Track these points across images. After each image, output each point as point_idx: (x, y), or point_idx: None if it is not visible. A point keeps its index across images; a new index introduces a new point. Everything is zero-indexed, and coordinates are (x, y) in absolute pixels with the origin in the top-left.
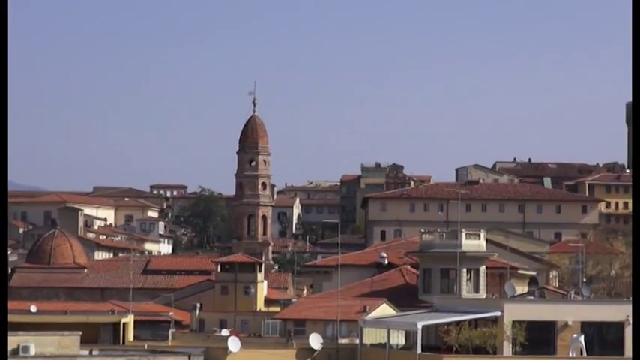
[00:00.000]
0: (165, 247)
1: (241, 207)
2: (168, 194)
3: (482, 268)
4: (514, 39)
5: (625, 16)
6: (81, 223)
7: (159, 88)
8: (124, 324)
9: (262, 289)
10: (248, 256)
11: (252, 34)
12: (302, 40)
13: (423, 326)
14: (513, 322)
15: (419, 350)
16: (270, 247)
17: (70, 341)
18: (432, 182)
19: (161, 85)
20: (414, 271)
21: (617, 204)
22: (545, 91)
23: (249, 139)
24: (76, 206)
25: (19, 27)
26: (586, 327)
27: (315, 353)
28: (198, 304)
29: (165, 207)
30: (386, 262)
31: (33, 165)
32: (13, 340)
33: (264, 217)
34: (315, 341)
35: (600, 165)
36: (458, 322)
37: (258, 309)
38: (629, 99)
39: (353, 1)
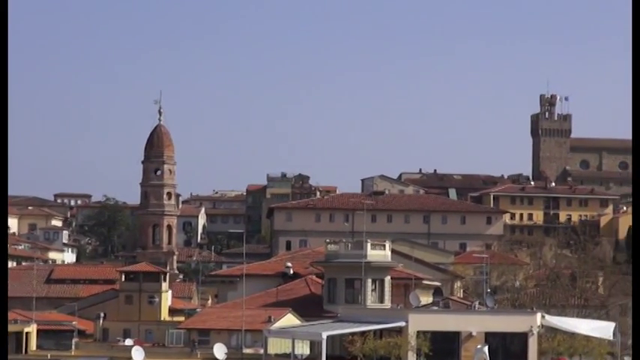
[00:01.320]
0: (69, 256)
1: (146, 216)
2: (73, 203)
3: (388, 279)
4: (416, 50)
5: (533, 26)
6: None
7: (63, 96)
8: (26, 333)
9: (167, 298)
10: (153, 266)
11: (158, 42)
12: (208, 49)
13: (328, 336)
14: (418, 332)
15: None
16: (175, 257)
17: None
18: (337, 192)
19: (65, 92)
20: (319, 281)
21: (521, 215)
22: (450, 102)
23: (155, 148)
24: None
25: None
26: (490, 337)
27: None
28: (102, 314)
29: (69, 216)
30: (291, 272)
31: None
32: None
33: (169, 227)
34: (220, 351)
35: (505, 176)
36: (363, 333)
37: (162, 319)
38: (534, 111)
39: (254, 12)
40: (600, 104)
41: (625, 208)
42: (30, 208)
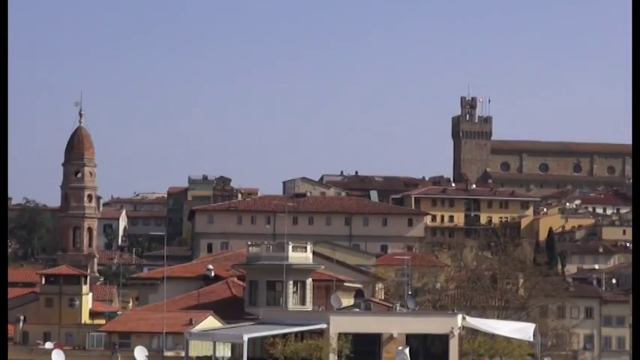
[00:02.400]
0: None
1: (67, 219)
2: None
3: (309, 281)
4: (337, 51)
5: (454, 28)
6: None
7: None
8: None
9: (87, 301)
10: (73, 269)
11: (78, 44)
12: (128, 50)
13: (249, 339)
14: (339, 334)
15: None
16: (96, 260)
17: None
18: (259, 195)
19: None
20: (241, 283)
21: (442, 217)
22: (372, 104)
23: (75, 150)
24: None
25: None
26: (411, 339)
27: None
28: (22, 317)
29: None
30: (212, 274)
31: None
32: None
33: (89, 229)
34: (141, 354)
35: (426, 178)
36: (284, 335)
37: (83, 322)
38: (455, 113)
39: (170, 15)
40: (521, 107)
41: (545, 209)
42: None
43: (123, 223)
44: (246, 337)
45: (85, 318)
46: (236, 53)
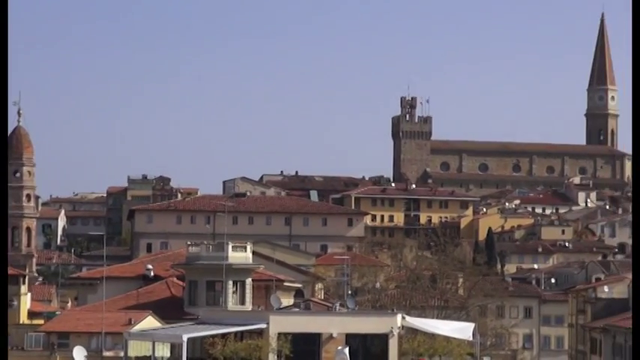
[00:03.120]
0: None
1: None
2: None
3: (249, 281)
4: (278, 50)
5: (394, 28)
6: None
7: None
8: None
9: (26, 301)
10: (11, 268)
11: (16, 43)
12: (66, 49)
13: (189, 339)
14: (279, 334)
15: None
16: (35, 259)
17: None
18: (199, 194)
19: None
20: (180, 283)
21: (382, 217)
22: (312, 104)
23: (14, 149)
24: None
25: None
26: (351, 339)
27: None
28: None
29: None
30: (152, 274)
31: None
32: None
33: (28, 229)
34: (80, 354)
35: (366, 178)
36: (223, 335)
37: (21, 322)
38: (395, 113)
39: (101, 14)
40: (460, 107)
41: (484, 209)
42: None
43: (62, 222)
44: (185, 337)
45: (24, 318)
46: (173, 52)
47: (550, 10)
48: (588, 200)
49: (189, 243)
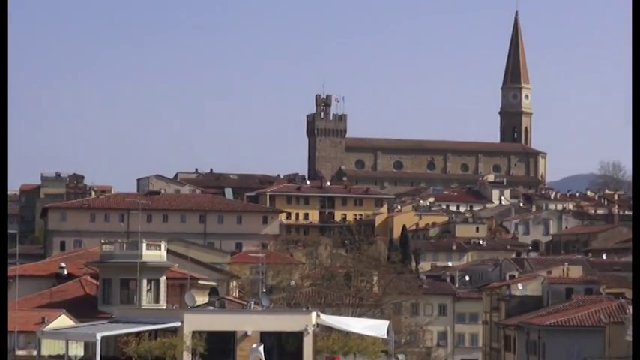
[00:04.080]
0: None
1: None
2: None
3: (163, 279)
4: (191, 48)
5: (309, 27)
6: None
7: None
8: None
9: None
10: None
11: None
12: None
13: (102, 337)
14: (193, 332)
15: None
16: None
17: None
18: (113, 192)
19: None
20: (94, 281)
21: (297, 215)
22: (226, 103)
23: None
24: None
25: None
26: (265, 337)
27: None
28: None
29: None
30: (65, 272)
31: None
32: None
33: None
34: None
35: (281, 176)
36: (137, 333)
37: None
38: (310, 111)
39: (17, 13)
40: (375, 105)
41: (399, 207)
42: None
43: None
44: (99, 336)
45: None
46: (86, 48)
47: (464, 8)
48: (502, 198)
49: (103, 241)
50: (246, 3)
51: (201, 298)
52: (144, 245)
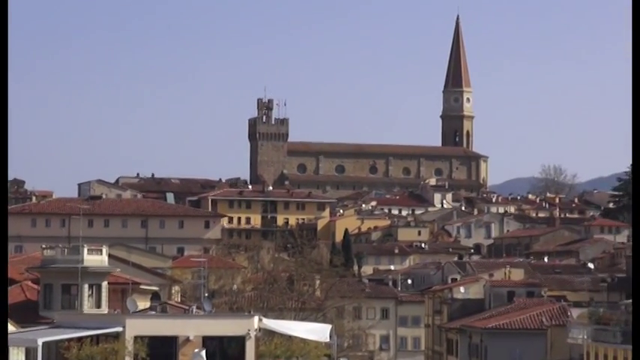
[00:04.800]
0: None
1: None
2: None
3: (105, 284)
4: (134, 52)
5: (251, 30)
6: None
7: None
8: None
9: None
10: None
11: None
12: None
13: (44, 343)
14: (135, 337)
15: None
16: None
17: None
18: (54, 197)
19: None
20: (35, 286)
21: (239, 219)
22: (167, 106)
23: None
24: None
25: None
26: (208, 341)
27: None
28: None
29: None
30: None
31: None
32: None
33: None
34: None
35: (223, 180)
36: (79, 338)
37: None
38: (252, 115)
39: None
40: (317, 109)
41: (341, 211)
42: None
43: None
44: (40, 342)
45: None
46: (22, 51)
47: (406, 13)
48: (444, 201)
49: (44, 246)
50: (188, 6)
51: (143, 303)
52: (85, 250)
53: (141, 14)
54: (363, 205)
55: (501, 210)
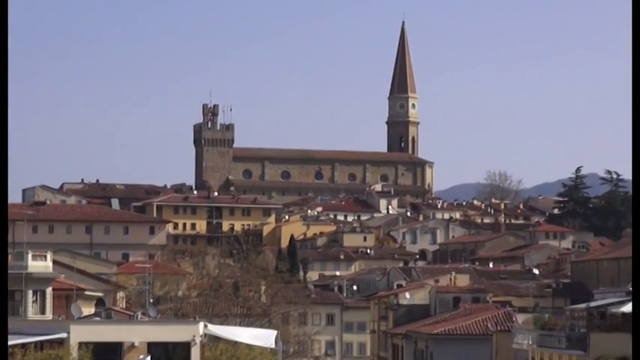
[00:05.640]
0: None
1: None
2: None
3: (49, 290)
4: (82, 56)
5: (194, 36)
6: None
7: None
8: None
9: None
10: None
11: None
12: None
13: None
14: (80, 343)
15: None
16: None
17: None
18: None
19: None
20: None
21: (184, 225)
22: (112, 112)
23: None
24: None
25: None
26: (153, 348)
27: None
28: None
29: None
30: None
31: None
32: None
33: None
34: None
35: (168, 186)
36: (23, 345)
37: None
38: (197, 121)
39: None
40: (262, 114)
41: (287, 217)
42: None
43: None
44: None
45: None
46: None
47: (351, 18)
48: (390, 207)
49: None
50: (133, 11)
51: (88, 309)
52: (29, 256)
53: (86, 17)
54: (309, 211)
55: (447, 216)
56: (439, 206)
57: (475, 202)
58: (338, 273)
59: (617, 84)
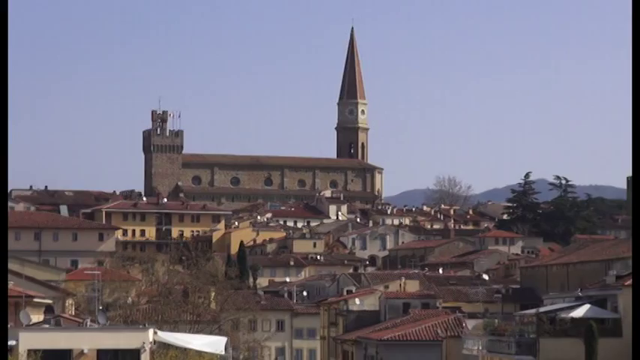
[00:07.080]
0: None
1: None
2: None
3: None
4: (36, 61)
5: (145, 41)
6: None
7: None
8: None
9: None
10: None
11: None
12: None
13: None
14: (29, 351)
15: None
16: None
17: None
18: None
19: None
20: None
21: (133, 231)
22: (61, 118)
23: None
24: None
25: None
26: (102, 355)
27: None
28: None
29: None
30: None
31: None
32: None
33: None
34: None
35: (117, 193)
36: None
37: None
38: (146, 127)
39: None
40: (211, 121)
41: (237, 223)
42: None
43: None
44: None
45: None
46: None
47: (301, 24)
48: (339, 213)
49: None
50: (85, 17)
51: (37, 317)
52: None
53: (31, 24)
54: (259, 217)
55: (396, 222)
56: (389, 212)
57: (425, 207)
58: (288, 279)
59: (566, 89)
